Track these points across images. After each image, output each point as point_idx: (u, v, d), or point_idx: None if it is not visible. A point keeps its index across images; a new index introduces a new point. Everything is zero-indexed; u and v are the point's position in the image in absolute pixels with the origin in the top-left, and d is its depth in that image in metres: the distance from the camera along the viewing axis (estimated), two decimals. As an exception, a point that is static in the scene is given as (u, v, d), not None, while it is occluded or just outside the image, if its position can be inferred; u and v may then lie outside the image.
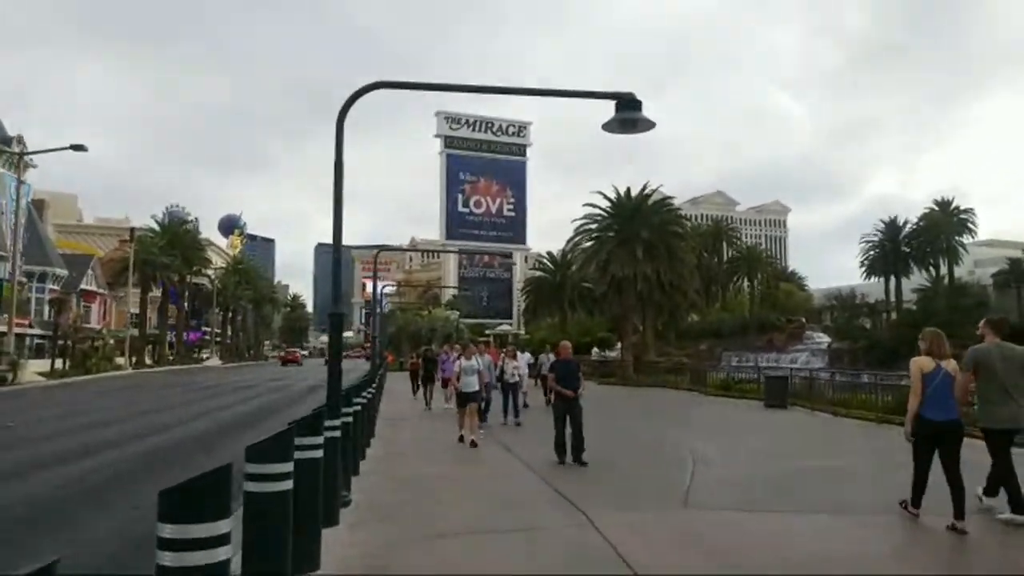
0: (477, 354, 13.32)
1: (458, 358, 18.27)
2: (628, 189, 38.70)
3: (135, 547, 5.86)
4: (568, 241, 45.56)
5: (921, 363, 6.51)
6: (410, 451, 11.89)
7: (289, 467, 4.06)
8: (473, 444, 11.47)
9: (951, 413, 6.37)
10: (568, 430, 9.87)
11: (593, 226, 39.89)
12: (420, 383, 20.84)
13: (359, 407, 9.28)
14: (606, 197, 38.68)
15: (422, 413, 18.34)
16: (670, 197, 40.40)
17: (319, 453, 5.26)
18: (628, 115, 7.48)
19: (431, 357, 20.90)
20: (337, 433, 6.48)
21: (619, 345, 48.43)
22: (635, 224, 36.26)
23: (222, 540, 2.72)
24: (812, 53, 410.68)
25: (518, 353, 19.04)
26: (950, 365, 6.50)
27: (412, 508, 7.30)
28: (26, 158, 42.56)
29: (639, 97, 7.49)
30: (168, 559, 2.66)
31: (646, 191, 38.44)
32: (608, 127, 7.68)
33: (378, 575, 5.09)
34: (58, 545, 6.16)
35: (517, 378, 15.93)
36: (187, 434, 14.72)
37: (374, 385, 14.61)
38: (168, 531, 2.67)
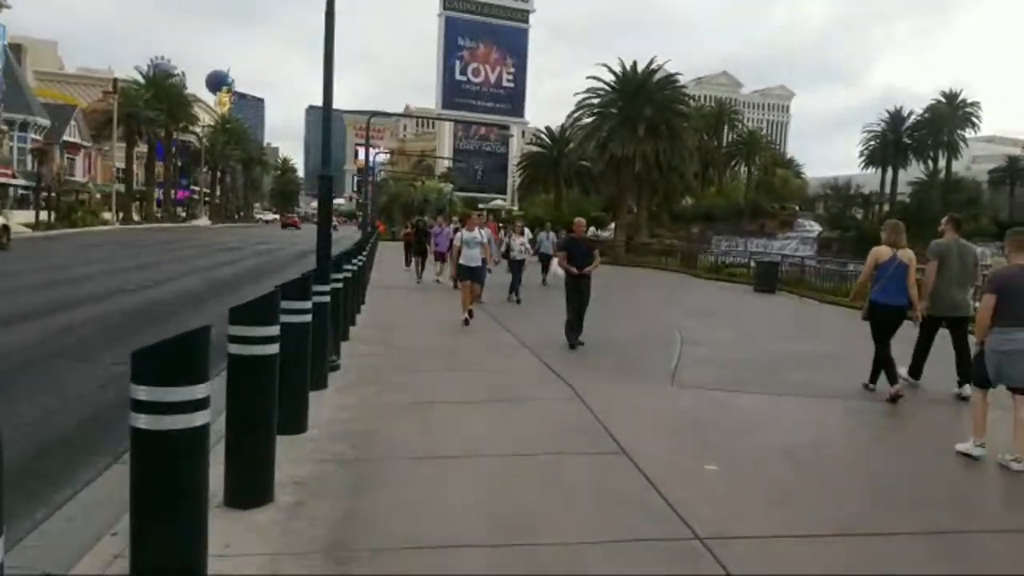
0: (479, 226, 12.13)
1: (457, 230, 17.91)
2: (634, 63, 37.08)
3: (117, 406, 5.83)
4: (568, 116, 44.09)
5: (879, 252, 6.96)
6: (400, 321, 11.84)
7: (275, 330, 3.91)
8: (468, 318, 10.80)
9: (900, 299, 6.85)
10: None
11: (595, 101, 38.50)
12: (412, 254, 20.39)
13: (349, 274, 9.14)
14: (611, 70, 37.13)
15: (413, 285, 18.10)
16: (676, 74, 38.83)
17: (307, 317, 5.12)
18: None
19: (424, 228, 20.20)
20: (326, 299, 6.35)
21: (612, 225, 48.30)
22: (638, 101, 35.03)
23: (199, 405, 2.58)
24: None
25: (525, 229, 18.67)
26: (905, 255, 6.89)
27: (400, 376, 7.31)
28: (-2, -4, 40.07)
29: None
30: (143, 422, 2.52)
31: (652, 67, 36.86)
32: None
33: (363, 438, 5.07)
34: (40, 401, 6.13)
35: (525, 255, 15.47)
36: (172, 292, 14.67)
37: (364, 253, 14.42)
38: (143, 393, 2.51)
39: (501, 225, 18.35)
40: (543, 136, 62.60)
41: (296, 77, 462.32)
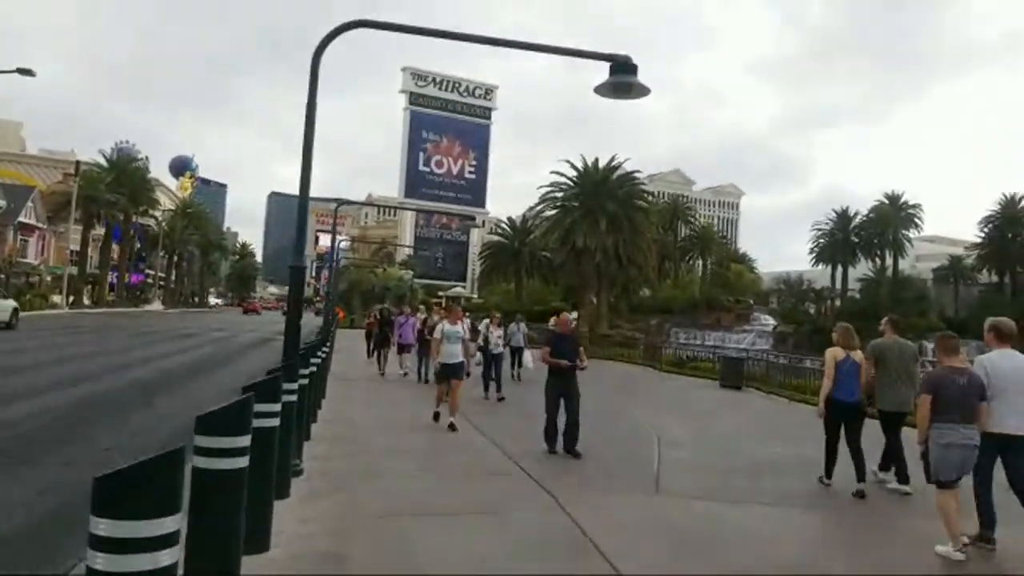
0: (460, 319, 11.00)
1: (426, 320, 16.86)
2: (596, 160, 38.39)
3: (56, 518, 5.33)
4: (531, 208, 45.08)
5: (834, 352, 7.56)
6: (364, 418, 11.28)
7: (246, 441, 3.60)
8: (452, 428, 9.69)
9: (855, 396, 7.43)
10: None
11: (559, 195, 39.51)
12: (375, 345, 19.32)
13: (315, 368, 8.79)
14: (573, 166, 38.32)
15: (376, 378, 17.07)
16: (635, 171, 40.30)
17: (276, 421, 4.79)
18: (622, 79, 7.04)
19: (388, 318, 19.11)
20: (294, 397, 6.00)
21: (573, 315, 48.54)
22: (600, 196, 36.04)
23: (167, 541, 2.25)
24: (776, 41, 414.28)
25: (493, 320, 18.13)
26: (857, 355, 7.58)
27: (368, 481, 6.87)
28: (-39, 78, 39.84)
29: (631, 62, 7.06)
30: (100, 562, 2.17)
31: (612, 163, 38.13)
32: (601, 91, 7.23)
33: (332, 561, 4.65)
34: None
35: (501, 348, 14.84)
36: (120, 384, 13.91)
37: (328, 344, 14.04)
38: (103, 527, 2.18)
39: (487, 318, 17.83)
40: (505, 226, 63.58)
41: (260, 161, 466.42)
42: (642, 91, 7.14)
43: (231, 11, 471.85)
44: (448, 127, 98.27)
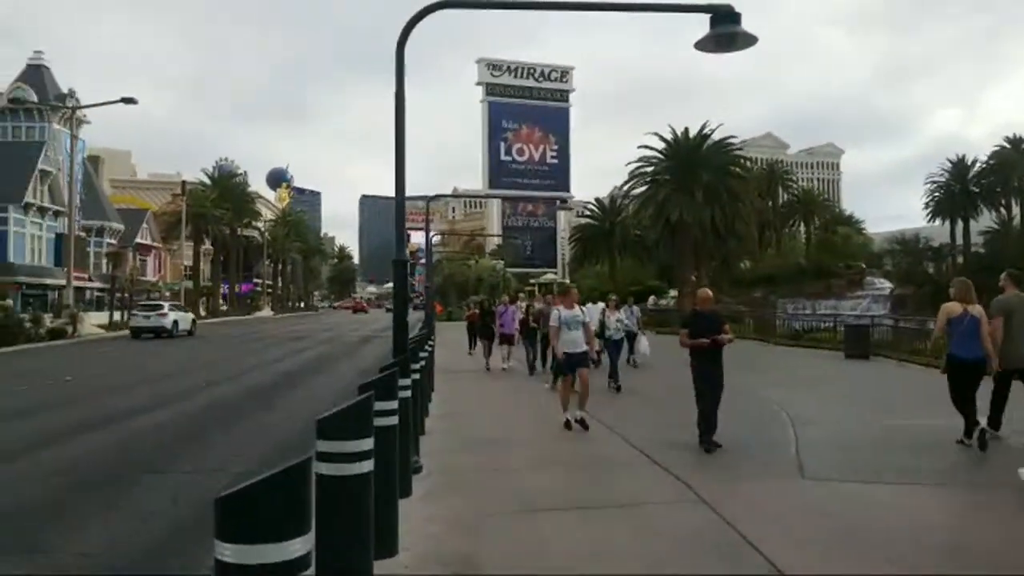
0: (578, 302, 9.71)
1: (530, 307, 16.47)
2: (686, 129, 36.86)
3: (193, 522, 5.33)
4: (621, 185, 43.95)
5: (950, 308, 7.41)
6: (475, 411, 11.08)
7: (369, 443, 3.35)
8: (583, 424, 8.55)
9: (976, 352, 7.23)
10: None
11: (649, 169, 38.23)
12: (478, 337, 18.53)
13: (424, 362, 8.66)
14: (662, 139, 36.94)
15: (481, 371, 16.40)
16: (730, 137, 38.40)
17: (395, 419, 4.57)
18: (725, 30, 6.44)
19: (489, 309, 18.46)
20: (408, 393, 5.81)
21: (672, 293, 47.25)
22: (694, 166, 34.58)
23: (299, 564, 1.99)
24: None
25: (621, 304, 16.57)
26: (976, 310, 7.33)
27: (490, 476, 6.63)
28: (79, 114, 42.67)
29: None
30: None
31: (704, 131, 36.58)
32: (703, 45, 6.63)
33: (464, 562, 4.39)
34: (108, 516, 5.67)
35: (622, 333, 13.60)
36: (247, 386, 14.46)
37: (433, 338, 14.01)
38: (229, 553, 1.94)
39: (607, 302, 16.95)
40: (593, 207, 62.68)
41: (349, 167, 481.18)
42: (748, 41, 6.50)
43: (299, 20, 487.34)
44: (527, 114, 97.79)
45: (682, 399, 9.94)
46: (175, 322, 32.80)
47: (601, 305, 14.44)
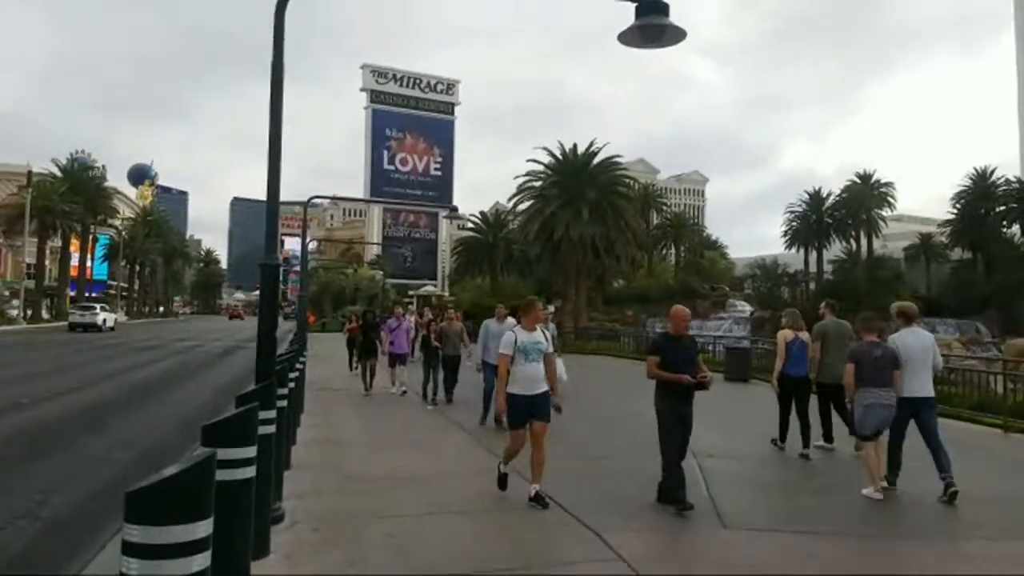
0: (545, 322, 8.14)
1: (431, 322, 14.64)
2: (575, 146, 36.98)
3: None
4: (510, 199, 43.47)
5: (785, 334, 8.83)
6: (353, 436, 9.79)
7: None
8: (540, 502, 6.05)
9: (803, 370, 8.70)
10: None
11: (537, 184, 38.03)
12: (359, 355, 15.87)
13: (293, 383, 7.49)
14: (550, 154, 36.88)
15: (360, 394, 14.11)
16: (616, 156, 38.88)
17: (248, 471, 3.52)
18: (651, 21, 5.85)
19: (373, 322, 16.10)
20: (271, 428, 4.72)
21: (550, 308, 47.38)
22: (581, 183, 34.66)
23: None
24: (735, 22, 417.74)
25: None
26: (803, 335, 8.82)
27: (373, 526, 5.55)
28: None
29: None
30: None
31: (592, 148, 36.84)
32: (627, 38, 6.00)
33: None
34: None
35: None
36: (74, 405, 12.49)
37: (306, 352, 12.67)
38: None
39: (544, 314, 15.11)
40: (476, 221, 62.25)
41: (220, 169, 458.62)
42: (676, 35, 5.93)
43: (182, 17, 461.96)
44: (411, 124, 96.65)
45: (621, 437, 9.50)
46: None
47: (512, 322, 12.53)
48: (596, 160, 37.14)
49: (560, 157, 37.00)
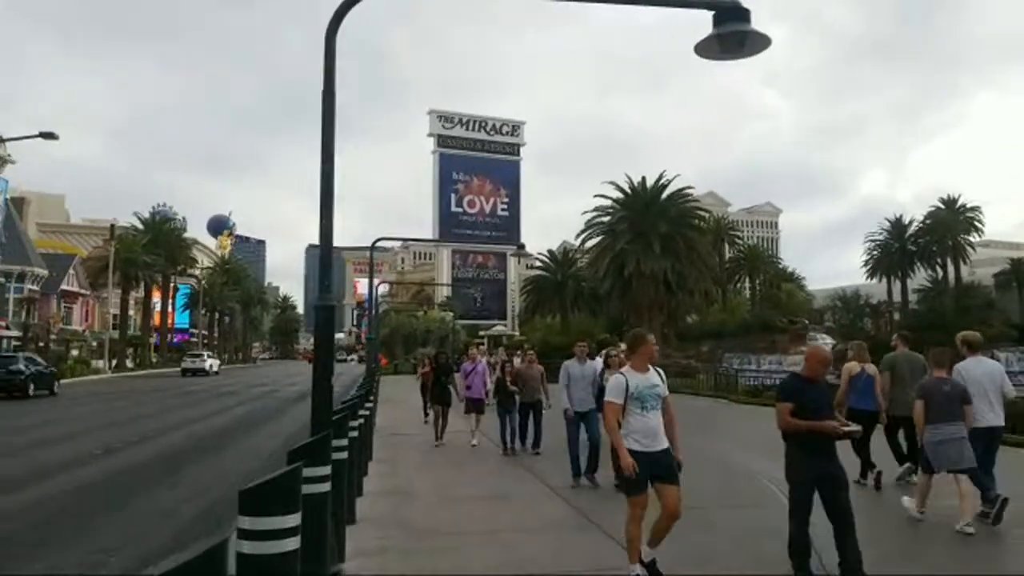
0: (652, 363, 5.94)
1: (504, 363, 13.47)
2: (643, 179, 36.33)
3: None
4: (578, 235, 42.78)
5: (850, 367, 8.70)
6: (426, 488, 9.07)
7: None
8: (653, 572, 5.02)
9: (870, 404, 8.44)
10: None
11: (605, 219, 37.43)
12: (432, 401, 14.34)
13: (356, 431, 7.08)
14: (619, 188, 36.31)
15: (431, 445, 12.73)
16: (687, 188, 37.97)
17: (293, 543, 3.07)
18: (731, 28, 5.34)
19: (446, 364, 14.50)
20: (326, 486, 4.25)
21: (621, 346, 46.31)
22: (651, 216, 33.89)
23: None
24: (796, 48, 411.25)
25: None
26: (870, 368, 8.72)
27: None
28: (1, 152, 40.10)
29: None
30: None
31: (662, 181, 36.11)
32: (704, 49, 5.51)
33: None
34: None
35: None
36: (153, 452, 12.54)
37: (375, 396, 12.33)
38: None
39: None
40: (545, 259, 61.98)
41: (296, 218, 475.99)
42: (759, 43, 5.41)
43: (260, 69, 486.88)
44: (477, 166, 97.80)
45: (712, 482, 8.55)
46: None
47: (598, 362, 10.02)
48: (666, 193, 36.33)
49: (629, 191, 36.36)
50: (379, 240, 17.71)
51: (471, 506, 7.99)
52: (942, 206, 70.98)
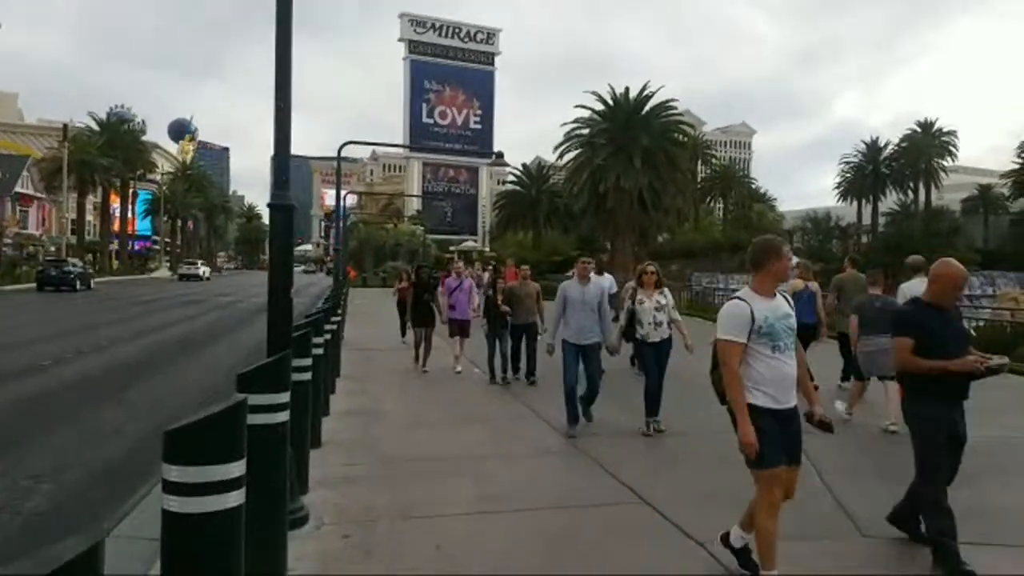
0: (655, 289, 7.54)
1: (498, 279, 11.38)
2: (626, 89, 34.66)
3: None
4: (556, 147, 41.27)
5: (795, 284, 9.07)
6: (395, 407, 8.61)
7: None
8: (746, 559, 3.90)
9: (811, 318, 9.06)
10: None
11: (585, 131, 35.94)
12: (412, 321, 12.29)
13: (321, 349, 6.41)
14: (600, 99, 34.68)
15: (412, 371, 11.42)
16: (672, 100, 36.17)
17: (237, 498, 2.47)
18: None
19: (428, 280, 12.37)
20: (284, 415, 3.63)
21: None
22: (633, 129, 32.50)
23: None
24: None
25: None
26: (813, 285, 9.53)
27: (416, 532, 4.45)
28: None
29: None
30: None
31: (645, 92, 34.59)
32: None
33: None
34: None
35: (668, 332, 7.56)
36: (112, 361, 11.90)
37: (341, 310, 11.61)
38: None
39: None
40: (518, 174, 60.72)
41: (263, 127, 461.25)
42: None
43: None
44: (451, 75, 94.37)
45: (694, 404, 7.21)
46: None
47: (605, 281, 10.30)
48: (649, 105, 34.96)
49: (611, 103, 34.85)
50: (347, 144, 16.59)
51: (447, 430, 7.50)
52: (918, 130, 70.64)
